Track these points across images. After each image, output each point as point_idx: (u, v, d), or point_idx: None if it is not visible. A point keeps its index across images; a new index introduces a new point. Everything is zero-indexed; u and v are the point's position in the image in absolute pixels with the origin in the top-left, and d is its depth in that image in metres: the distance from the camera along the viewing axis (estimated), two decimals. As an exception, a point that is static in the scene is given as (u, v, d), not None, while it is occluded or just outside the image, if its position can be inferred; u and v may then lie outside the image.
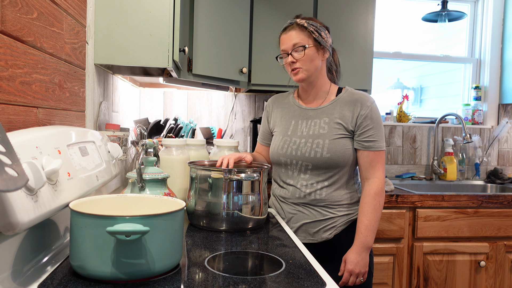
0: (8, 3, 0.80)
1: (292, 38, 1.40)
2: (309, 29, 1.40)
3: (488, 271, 2.16)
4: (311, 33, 1.40)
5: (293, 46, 1.40)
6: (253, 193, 1.26)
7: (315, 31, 1.40)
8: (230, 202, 1.22)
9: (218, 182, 1.23)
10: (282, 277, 0.83)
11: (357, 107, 1.41)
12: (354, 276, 1.36)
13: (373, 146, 1.39)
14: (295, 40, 1.40)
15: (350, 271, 1.35)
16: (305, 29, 1.40)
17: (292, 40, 1.40)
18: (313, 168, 1.41)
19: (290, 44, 1.40)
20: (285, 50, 1.43)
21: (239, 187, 1.23)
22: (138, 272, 0.75)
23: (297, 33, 1.40)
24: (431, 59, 3.00)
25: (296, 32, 1.40)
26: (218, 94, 2.63)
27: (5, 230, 0.66)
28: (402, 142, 2.80)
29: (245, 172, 1.24)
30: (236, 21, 2.10)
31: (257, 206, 1.26)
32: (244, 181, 1.23)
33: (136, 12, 1.45)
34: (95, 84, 1.46)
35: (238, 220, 1.23)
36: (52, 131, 0.89)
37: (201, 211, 1.25)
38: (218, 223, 1.22)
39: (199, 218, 1.25)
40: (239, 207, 1.23)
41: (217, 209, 1.22)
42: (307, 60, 1.40)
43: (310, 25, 1.41)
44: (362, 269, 1.36)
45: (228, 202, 1.22)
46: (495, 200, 2.15)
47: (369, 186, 1.40)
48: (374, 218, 1.37)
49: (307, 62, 1.40)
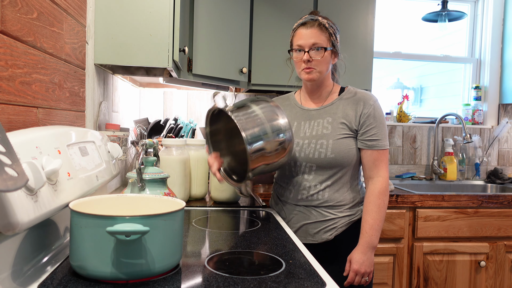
0: (8, 3, 0.80)
1: (312, 36, 1.36)
2: (329, 30, 1.37)
3: (488, 271, 2.16)
4: (330, 36, 1.38)
5: (312, 45, 1.36)
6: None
7: (333, 34, 1.39)
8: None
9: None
10: (282, 277, 0.83)
11: (360, 106, 1.40)
12: (360, 276, 1.35)
13: (376, 145, 1.39)
14: (316, 40, 1.36)
15: (356, 271, 1.35)
16: (326, 30, 1.37)
17: (312, 38, 1.36)
18: (317, 169, 1.41)
19: (310, 42, 1.36)
20: (302, 46, 1.38)
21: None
22: (138, 272, 0.75)
23: (319, 32, 1.36)
24: (431, 59, 3.00)
25: (318, 32, 1.36)
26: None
27: (5, 230, 0.66)
28: (402, 142, 2.80)
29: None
30: (236, 21, 2.10)
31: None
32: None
33: (136, 12, 1.45)
34: (95, 84, 1.46)
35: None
36: (52, 131, 0.89)
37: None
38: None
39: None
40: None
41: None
42: (324, 62, 1.38)
43: (330, 27, 1.38)
44: (368, 268, 1.35)
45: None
46: (495, 200, 2.15)
47: (373, 185, 1.39)
48: (379, 217, 1.36)
49: (322, 64, 1.38)
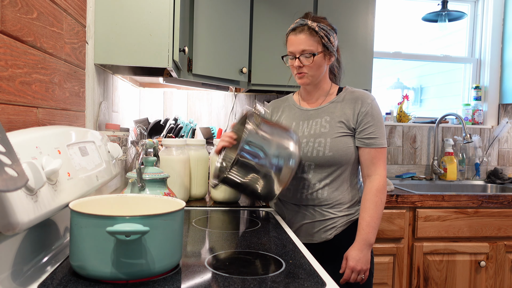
0: (8, 3, 0.80)
1: (301, 42, 1.37)
2: (319, 33, 1.37)
3: (488, 271, 2.16)
4: (321, 38, 1.37)
5: (302, 51, 1.37)
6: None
7: (325, 36, 1.38)
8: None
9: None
10: (282, 277, 0.83)
11: (357, 105, 1.41)
12: (356, 273, 1.35)
13: (374, 143, 1.39)
14: (304, 46, 1.37)
15: (352, 268, 1.35)
16: (315, 33, 1.37)
17: (301, 45, 1.37)
18: (315, 167, 1.41)
19: (299, 48, 1.37)
20: (292, 53, 1.40)
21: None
22: (138, 272, 0.75)
23: (307, 38, 1.37)
24: (431, 59, 3.00)
25: (306, 37, 1.37)
26: (218, 94, 2.63)
27: (5, 230, 0.66)
28: (402, 142, 2.80)
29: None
30: (236, 21, 2.10)
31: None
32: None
33: (136, 12, 1.45)
34: (95, 84, 1.46)
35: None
36: (52, 131, 0.89)
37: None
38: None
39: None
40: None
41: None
42: (314, 67, 1.39)
43: (321, 30, 1.37)
44: (364, 266, 1.36)
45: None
46: (495, 200, 2.15)
47: (371, 183, 1.40)
48: (376, 215, 1.37)
49: (314, 68, 1.40)
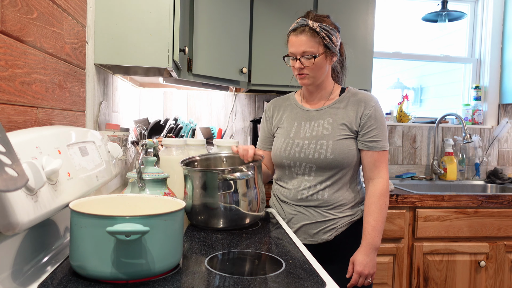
0: (8, 3, 0.80)
1: (302, 43, 1.35)
2: (321, 34, 1.34)
3: (488, 271, 2.16)
4: (322, 39, 1.35)
5: (303, 53, 1.35)
6: (249, 189, 1.24)
7: (327, 36, 1.35)
8: (227, 199, 1.20)
9: (213, 181, 1.21)
10: (282, 277, 0.83)
11: (360, 107, 1.40)
12: (363, 277, 1.35)
13: (377, 146, 1.39)
14: (305, 47, 1.35)
15: (359, 273, 1.35)
16: (317, 34, 1.34)
17: (302, 46, 1.35)
18: (317, 170, 1.41)
19: (300, 50, 1.35)
20: (293, 54, 1.38)
21: (235, 186, 1.21)
22: (138, 272, 0.75)
23: (308, 39, 1.34)
24: (431, 59, 3.00)
25: (307, 38, 1.34)
26: (218, 94, 2.63)
27: (5, 230, 0.66)
28: (402, 142, 2.80)
29: (240, 170, 1.21)
30: (236, 21, 2.10)
31: (254, 202, 1.24)
32: (239, 180, 1.21)
33: (136, 12, 1.45)
34: (95, 84, 1.46)
35: (236, 217, 1.22)
36: (52, 131, 0.89)
37: (198, 209, 1.23)
38: (215, 221, 1.21)
39: (196, 216, 1.24)
40: (236, 203, 1.21)
41: (214, 206, 1.21)
42: (315, 68, 1.38)
43: (322, 30, 1.34)
44: (371, 270, 1.36)
45: (224, 200, 1.20)
46: (495, 200, 2.15)
47: (374, 187, 1.39)
48: (381, 218, 1.36)
49: (315, 70, 1.38)
